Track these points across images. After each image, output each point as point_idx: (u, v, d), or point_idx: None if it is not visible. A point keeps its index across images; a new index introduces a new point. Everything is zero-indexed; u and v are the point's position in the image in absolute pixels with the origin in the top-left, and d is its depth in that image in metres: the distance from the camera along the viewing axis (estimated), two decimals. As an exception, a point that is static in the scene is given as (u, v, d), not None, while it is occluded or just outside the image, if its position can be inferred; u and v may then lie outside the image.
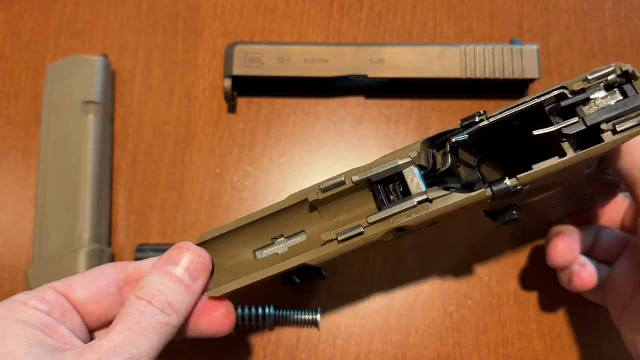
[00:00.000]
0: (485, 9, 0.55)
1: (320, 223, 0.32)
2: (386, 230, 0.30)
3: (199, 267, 0.32)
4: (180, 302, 0.31)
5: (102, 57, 0.50)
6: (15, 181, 0.51)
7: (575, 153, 0.28)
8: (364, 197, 0.32)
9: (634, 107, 0.27)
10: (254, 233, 0.33)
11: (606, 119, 0.28)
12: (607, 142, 0.28)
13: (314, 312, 0.46)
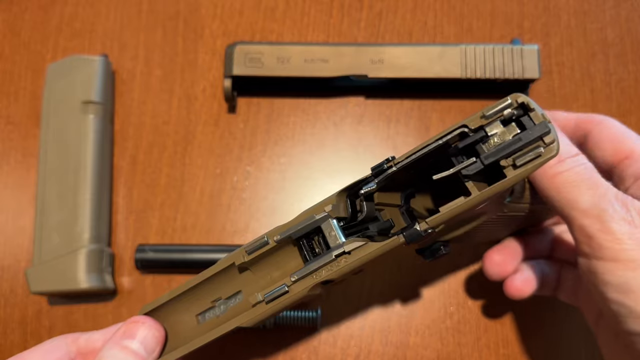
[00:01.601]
0: (485, 9, 0.55)
1: (255, 282, 0.33)
2: (310, 286, 0.31)
3: (154, 341, 0.33)
4: None
5: (102, 57, 0.50)
6: (15, 181, 0.51)
7: (479, 192, 0.28)
8: (291, 253, 0.32)
9: (530, 140, 0.27)
10: (195, 298, 0.34)
11: (504, 155, 0.27)
12: (509, 177, 0.27)
13: (314, 312, 0.46)
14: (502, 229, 0.40)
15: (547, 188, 0.32)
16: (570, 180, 0.31)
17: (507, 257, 0.40)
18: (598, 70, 0.53)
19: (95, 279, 0.45)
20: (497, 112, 0.28)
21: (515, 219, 0.37)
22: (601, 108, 0.52)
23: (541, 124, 0.27)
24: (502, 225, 0.38)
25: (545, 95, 0.52)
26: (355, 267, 0.30)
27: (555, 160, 0.31)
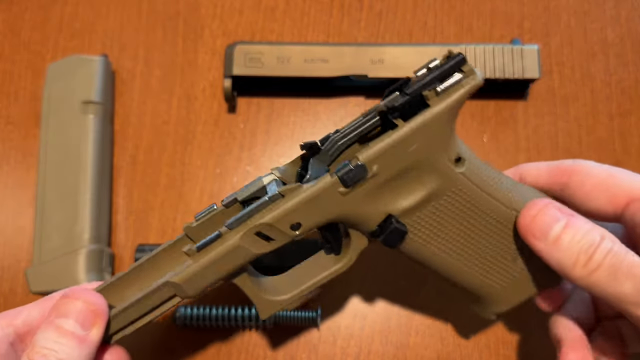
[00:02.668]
0: (485, 9, 0.55)
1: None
2: (244, 231, 0.31)
3: (91, 315, 0.31)
4: (75, 357, 0.29)
5: (102, 57, 0.50)
6: (15, 181, 0.51)
7: (404, 123, 0.30)
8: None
9: (447, 68, 0.29)
10: (148, 275, 0.34)
11: (424, 85, 0.30)
12: (432, 106, 0.29)
13: (314, 312, 0.46)
14: (472, 254, 0.36)
15: (590, 287, 0.30)
16: (605, 276, 0.29)
17: (584, 353, 0.35)
18: (598, 70, 0.53)
19: (95, 279, 0.45)
20: (423, 67, 0.31)
21: (487, 239, 0.35)
22: (601, 108, 0.52)
23: (457, 56, 0.30)
24: (470, 246, 0.36)
25: (546, 96, 0.52)
26: (290, 211, 0.31)
27: (585, 258, 0.30)
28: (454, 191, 0.33)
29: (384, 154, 0.30)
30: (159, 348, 0.47)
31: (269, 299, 0.35)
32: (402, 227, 0.32)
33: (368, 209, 0.32)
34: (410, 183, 0.32)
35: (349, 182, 0.30)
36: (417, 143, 0.30)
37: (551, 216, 0.32)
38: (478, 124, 0.52)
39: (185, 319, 0.46)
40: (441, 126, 0.30)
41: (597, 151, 0.51)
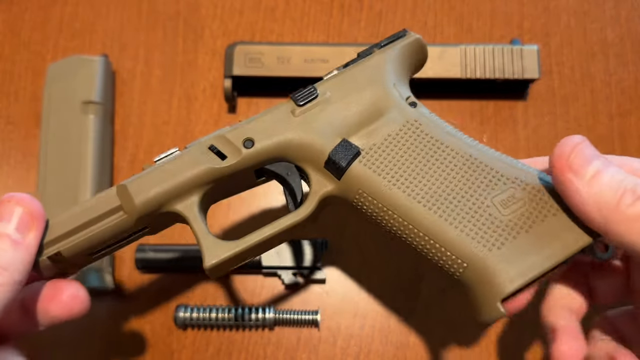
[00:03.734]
0: (485, 9, 0.55)
1: None
2: (198, 146, 0.33)
3: (27, 219, 0.30)
4: (9, 258, 0.29)
5: (102, 57, 0.50)
6: (15, 181, 0.51)
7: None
8: None
9: (394, 35, 0.37)
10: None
11: (373, 45, 0.36)
12: (376, 51, 0.36)
13: (314, 312, 0.46)
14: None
15: (634, 232, 0.26)
16: None
17: (578, 342, 0.32)
18: (598, 70, 0.53)
19: (95, 279, 0.45)
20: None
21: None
22: (601, 108, 0.52)
23: (400, 32, 0.36)
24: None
25: (545, 96, 0.52)
26: (245, 124, 0.33)
27: (632, 197, 0.26)
28: (409, 122, 0.33)
29: (335, 82, 0.34)
30: (159, 348, 0.47)
31: (218, 241, 0.32)
32: (355, 146, 0.32)
33: (320, 133, 0.33)
34: (363, 112, 0.33)
35: (300, 100, 0.33)
36: (365, 75, 0.34)
37: (590, 151, 0.28)
38: (478, 124, 0.52)
39: (185, 320, 0.46)
40: (387, 66, 0.35)
41: (596, 151, 0.51)
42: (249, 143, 0.33)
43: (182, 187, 0.32)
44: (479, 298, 0.30)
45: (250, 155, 0.32)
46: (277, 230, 0.33)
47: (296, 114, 0.33)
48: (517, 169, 0.31)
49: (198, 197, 0.32)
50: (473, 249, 0.29)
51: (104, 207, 0.32)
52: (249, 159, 0.32)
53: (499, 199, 0.30)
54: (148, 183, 0.32)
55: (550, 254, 0.29)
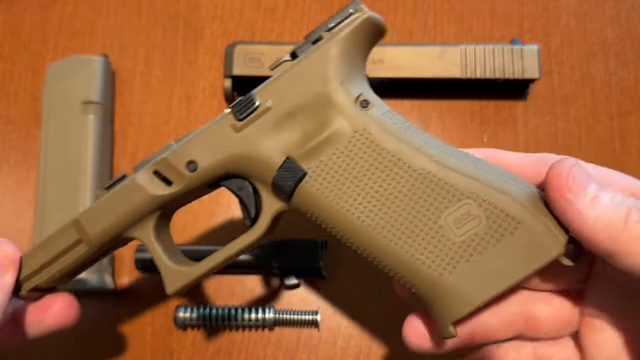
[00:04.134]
0: (485, 9, 0.55)
1: None
2: (151, 171, 0.32)
3: (4, 262, 0.31)
4: None
5: (102, 57, 0.50)
6: (15, 181, 0.51)
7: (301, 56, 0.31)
8: None
9: (340, 12, 0.31)
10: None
11: (319, 29, 0.31)
12: (324, 39, 0.31)
13: (314, 312, 0.46)
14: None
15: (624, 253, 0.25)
16: None
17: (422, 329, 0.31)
18: (598, 70, 0.53)
19: (95, 279, 0.45)
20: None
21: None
22: (601, 108, 0.52)
23: (351, 2, 0.31)
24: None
25: (545, 96, 0.52)
26: (185, 146, 0.31)
27: (638, 216, 0.25)
28: (358, 132, 0.29)
29: (275, 87, 0.30)
30: (159, 348, 0.47)
31: (176, 268, 0.32)
32: (298, 167, 0.30)
33: (266, 151, 0.30)
34: (309, 123, 0.30)
35: (240, 113, 0.30)
36: (308, 75, 0.30)
37: (586, 172, 0.27)
38: (478, 124, 0.52)
39: (185, 320, 0.46)
40: (334, 60, 0.30)
41: (597, 151, 0.51)
42: (192, 166, 0.31)
43: (132, 217, 0.32)
44: (434, 314, 0.29)
45: (195, 179, 0.31)
46: (233, 252, 0.33)
47: (237, 129, 0.30)
48: (478, 181, 0.28)
49: (153, 222, 0.32)
50: (424, 274, 0.29)
51: (65, 242, 0.32)
52: (194, 181, 0.31)
53: (453, 217, 0.28)
54: (99, 215, 0.32)
55: (507, 274, 0.28)
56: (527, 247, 0.27)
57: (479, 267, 0.28)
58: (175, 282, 0.32)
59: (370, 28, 0.31)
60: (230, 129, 0.30)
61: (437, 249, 0.28)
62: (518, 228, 0.28)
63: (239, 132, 0.30)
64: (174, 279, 0.32)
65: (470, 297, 0.28)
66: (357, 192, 0.29)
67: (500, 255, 0.28)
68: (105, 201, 0.32)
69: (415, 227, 0.29)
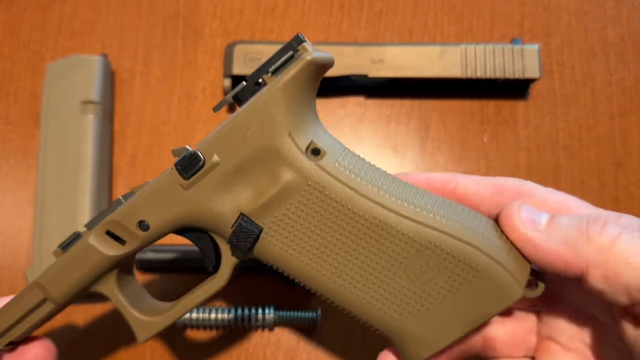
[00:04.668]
0: (486, 9, 0.54)
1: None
2: (102, 231, 0.31)
3: None
4: None
5: (102, 57, 0.50)
6: (15, 181, 0.51)
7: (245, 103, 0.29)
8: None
9: (282, 50, 0.28)
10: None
11: (260, 69, 0.29)
12: (268, 85, 0.28)
13: (314, 312, 0.46)
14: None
15: (610, 263, 0.25)
16: (631, 242, 0.25)
17: None
18: (599, 70, 0.53)
19: (94, 279, 0.45)
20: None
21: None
22: (602, 108, 0.52)
23: (294, 38, 0.28)
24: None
25: (546, 95, 0.52)
26: (133, 206, 0.30)
27: (597, 228, 0.25)
28: (311, 185, 0.28)
29: (220, 140, 0.28)
30: (159, 348, 0.47)
31: (143, 320, 0.32)
32: (253, 226, 0.29)
33: (218, 207, 0.29)
34: (260, 177, 0.29)
35: (185, 172, 0.29)
36: (253, 127, 0.28)
37: (534, 208, 0.28)
38: (478, 124, 0.52)
39: (185, 320, 0.46)
40: (277, 109, 0.28)
41: (597, 151, 0.51)
42: (143, 225, 0.30)
43: (91, 277, 0.32)
44: (400, 353, 0.31)
45: (148, 237, 0.31)
46: (198, 302, 0.33)
47: (185, 187, 0.29)
48: (435, 230, 0.28)
49: (114, 276, 0.32)
50: (385, 321, 0.30)
51: (31, 303, 0.33)
52: (148, 240, 0.31)
53: (411, 269, 0.29)
54: (58, 277, 0.32)
55: (468, 320, 0.29)
56: (488, 293, 0.28)
57: (440, 315, 0.29)
58: (145, 333, 0.33)
59: (316, 68, 0.29)
60: (178, 186, 0.29)
61: (397, 298, 0.29)
62: (477, 276, 0.28)
63: (187, 190, 0.29)
64: (143, 330, 0.33)
65: (431, 343, 0.29)
66: (313, 244, 0.29)
67: (460, 303, 0.29)
68: (62, 262, 0.31)
69: (374, 278, 0.29)
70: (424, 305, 0.29)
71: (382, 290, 0.29)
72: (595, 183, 0.50)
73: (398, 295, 0.29)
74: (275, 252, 0.30)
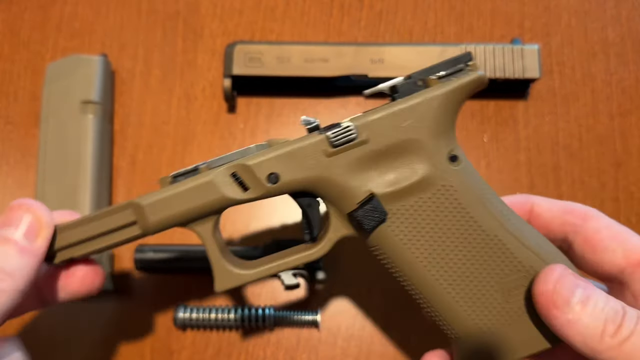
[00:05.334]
0: (486, 8, 0.54)
1: None
2: (221, 169, 0.31)
3: (36, 227, 0.30)
4: (15, 264, 0.29)
5: (101, 57, 0.50)
6: (15, 181, 0.51)
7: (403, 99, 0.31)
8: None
9: (452, 61, 0.31)
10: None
11: (428, 71, 0.31)
12: (431, 87, 0.31)
13: (314, 312, 0.46)
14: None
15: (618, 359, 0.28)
16: (638, 343, 0.27)
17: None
18: (599, 70, 0.53)
19: (94, 279, 0.45)
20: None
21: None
22: (602, 108, 0.52)
23: (465, 54, 0.31)
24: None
25: (546, 95, 0.52)
26: (271, 158, 0.31)
27: (613, 327, 0.28)
28: (445, 186, 0.31)
29: (376, 122, 0.30)
30: (159, 349, 0.47)
31: (229, 269, 0.33)
32: (382, 208, 0.31)
33: (351, 181, 0.31)
34: (399, 165, 0.31)
35: (336, 141, 0.30)
36: (410, 119, 0.30)
37: (571, 283, 0.30)
38: (478, 124, 0.52)
39: (184, 320, 0.46)
40: (437, 110, 0.30)
41: (597, 151, 0.51)
42: (273, 178, 0.31)
43: (199, 213, 0.32)
44: (459, 356, 0.33)
45: (274, 190, 0.31)
46: (289, 266, 0.33)
47: (328, 154, 0.31)
48: (535, 254, 0.31)
49: (214, 220, 0.32)
50: (469, 329, 0.32)
51: (119, 221, 0.32)
52: (271, 192, 0.31)
53: (508, 287, 0.31)
54: (165, 205, 0.31)
55: (529, 345, 0.31)
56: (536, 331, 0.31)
57: (513, 333, 0.32)
58: (225, 283, 0.33)
59: (476, 85, 0.31)
60: (321, 152, 0.31)
61: (486, 307, 0.32)
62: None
63: (329, 158, 0.31)
64: (224, 279, 0.33)
65: (495, 357, 0.32)
66: (428, 240, 0.31)
67: (529, 327, 0.31)
68: (172, 191, 0.31)
69: (472, 285, 0.31)
70: (506, 321, 0.32)
71: (476, 297, 0.32)
72: (595, 183, 0.50)
73: (488, 306, 0.32)
74: (390, 238, 0.31)
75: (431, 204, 0.31)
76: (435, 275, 0.32)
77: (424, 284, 0.32)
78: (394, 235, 0.31)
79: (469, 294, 0.32)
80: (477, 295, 0.32)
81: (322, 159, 0.31)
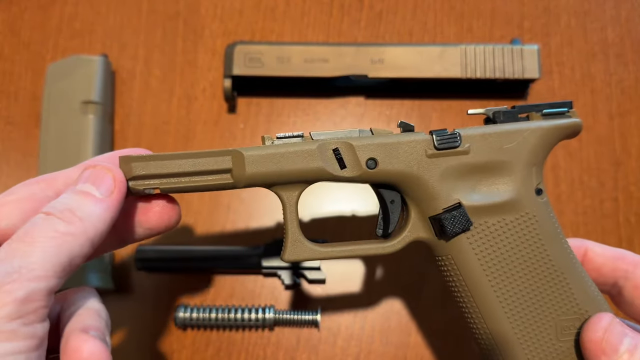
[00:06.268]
0: (485, 9, 0.55)
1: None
2: (324, 142, 0.32)
3: (111, 184, 0.30)
4: (87, 211, 0.29)
5: (102, 57, 0.50)
6: (15, 181, 0.51)
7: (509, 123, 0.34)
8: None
9: (558, 104, 0.34)
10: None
11: (533, 107, 0.34)
12: (532, 120, 0.34)
13: (314, 312, 0.46)
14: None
15: None
16: None
17: None
18: (598, 70, 0.53)
19: (95, 279, 0.45)
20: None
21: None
22: (601, 108, 0.52)
23: (567, 101, 0.34)
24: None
25: (546, 96, 0.52)
26: (375, 143, 0.32)
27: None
28: (528, 214, 0.33)
29: (482, 137, 0.32)
30: (159, 348, 0.47)
31: (303, 241, 0.33)
32: (468, 218, 0.32)
33: (442, 186, 0.32)
34: (490, 183, 0.33)
35: (440, 144, 0.32)
36: (512, 143, 0.33)
37: (619, 331, 0.31)
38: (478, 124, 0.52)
39: (185, 320, 0.46)
40: (538, 141, 0.33)
41: (597, 151, 0.51)
42: (371, 163, 0.32)
43: (294, 177, 0.32)
44: None
45: (368, 175, 0.32)
46: (359, 254, 0.34)
47: (429, 155, 0.32)
48: (591, 299, 0.33)
49: (301, 188, 0.33)
50: (514, 354, 0.33)
51: (215, 165, 0.31)
52: (365, 177, 0.32)
53: (562, 325, 0.33)
54: (264, 160, 0.31)
55: None
56: None
57: None
58: (296, 253, 0.33)
59: (573, 131, 0.34)
60: (423, 151, 0.32)
61: (539, 343, 0.33)
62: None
63: (429, 158, 0.32)
64: (297, 250, 0.33)
65: None
66: (502, 264, 0.33)
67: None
68: (275, 149, 0.31)
69: (530, 316, 0.33)
70: (553, 357, 0.33)
71: (532, 328, 0.33)
72: (594, 183, 0.50)
73: (540, 340, 0.33)
74: (466, 250, 0.32)
75: (512, 228, 0.32)
76: (500, 298, 0.33)
77: (485, 304, 0.33)
78: (470, 249, 0.32)
79: (526, 323, 0.33)
80: (532, 326, 0.33)
81: (422, 157, 0.32)
